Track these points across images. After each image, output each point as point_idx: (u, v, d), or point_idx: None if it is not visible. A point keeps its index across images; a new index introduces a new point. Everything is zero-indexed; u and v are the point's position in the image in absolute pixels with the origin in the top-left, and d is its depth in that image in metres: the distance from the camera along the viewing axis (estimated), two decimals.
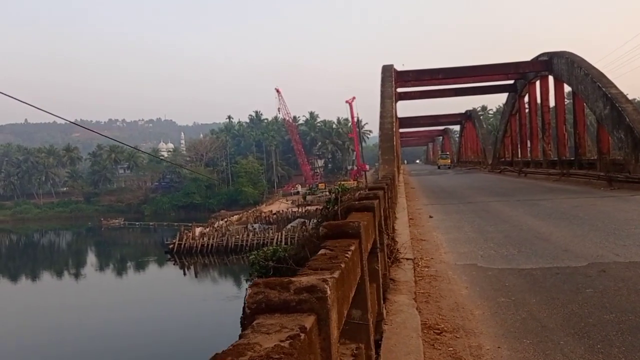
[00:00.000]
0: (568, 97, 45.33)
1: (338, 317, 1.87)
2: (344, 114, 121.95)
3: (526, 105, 41.65)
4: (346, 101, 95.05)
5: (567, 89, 33.81)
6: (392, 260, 7.31)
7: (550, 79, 34.59)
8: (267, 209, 75.15)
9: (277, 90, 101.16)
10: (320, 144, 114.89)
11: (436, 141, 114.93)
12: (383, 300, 5.03)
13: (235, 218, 68.43)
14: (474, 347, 4.83)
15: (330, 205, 9.70)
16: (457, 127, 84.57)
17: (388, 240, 7.11)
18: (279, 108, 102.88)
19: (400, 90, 38.85)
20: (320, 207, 13.22)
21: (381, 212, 6.20)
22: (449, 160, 75.75)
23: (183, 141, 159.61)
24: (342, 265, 2.21)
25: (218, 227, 57.09)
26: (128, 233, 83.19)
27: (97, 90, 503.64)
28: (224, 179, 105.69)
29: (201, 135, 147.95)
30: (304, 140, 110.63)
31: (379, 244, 4.86)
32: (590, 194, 20.00)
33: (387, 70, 34.54)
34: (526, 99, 41.18)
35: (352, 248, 2.72)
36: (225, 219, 66.35)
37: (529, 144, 41.19)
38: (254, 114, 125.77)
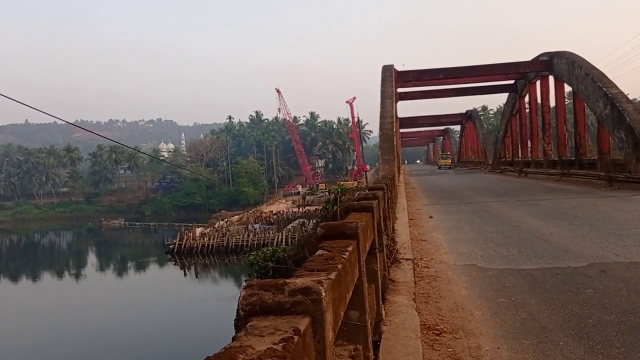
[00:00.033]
0: (568, 97, 45.33)
1: (334, 319, 1.85)
2: (344, 114, 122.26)
3: (526, 105, 41.60)
4: (346, 101, 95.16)
5: (568, 89, 33.81)
6: (392, 261, 7.29)
7: (551, 79, 34.57)
8: (268, 209, 75.11)
9: (278, 91, 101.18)
10: (320, 144, 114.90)
11: (437, 141, 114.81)
12: (382, 301, 5.01)
13: (235, 218, 68.42)
14: (474, 348, 4.82)
15: (329, 206, 9.69)
16: (458, 127, 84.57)
17: (387, 241, 7.09)
18: (279, 108, 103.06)
19: (400, 90, 38.82)
20: (320, 208, 13.21)
21: (380, 213, 6.18)
22: (449, 161, 75.70)
23: (183, 141, 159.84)
24: (339, 266, 2.19)
25: (218, 228, 57.04)
26: (128, 233, 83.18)
27: (97, 90, 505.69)
28: (225, 179, 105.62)
29: (201, 135, 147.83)
30: (305, 141, 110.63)
31: (377, 245, 4.83)
32: (590, 194, 19.99)
33: (388, 70, 34.51)
34: (527, 99, 41.13)
35: (350, 249, 2.69)
36: (226, 219, 66.33)
37: (529, 144, 41.14)
38: (254, 114, 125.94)
